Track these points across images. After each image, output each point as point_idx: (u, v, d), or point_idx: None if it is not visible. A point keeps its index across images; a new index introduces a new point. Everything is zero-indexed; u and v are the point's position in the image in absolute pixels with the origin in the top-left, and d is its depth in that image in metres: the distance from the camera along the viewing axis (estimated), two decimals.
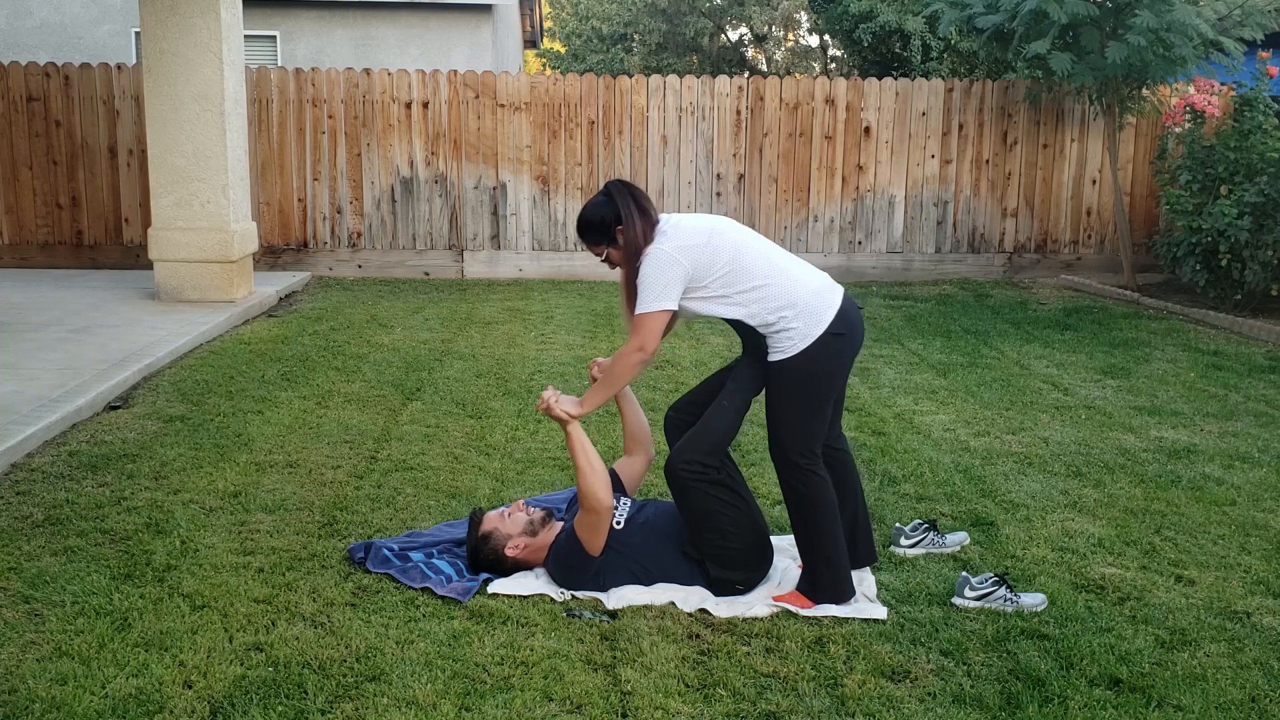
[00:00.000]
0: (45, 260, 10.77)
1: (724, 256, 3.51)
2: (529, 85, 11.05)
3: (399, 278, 11.00)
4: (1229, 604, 3.62)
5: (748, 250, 3.56)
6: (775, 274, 3.55)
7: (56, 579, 3.59)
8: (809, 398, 3.55)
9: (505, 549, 3.69)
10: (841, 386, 3.68)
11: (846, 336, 3.57)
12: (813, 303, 3.54)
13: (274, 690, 2.93)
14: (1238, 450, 5.39)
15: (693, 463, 3.54)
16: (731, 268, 3.51)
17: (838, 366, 3.59)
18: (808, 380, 3.53)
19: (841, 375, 3.63)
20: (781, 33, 28.78)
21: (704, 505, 3.57)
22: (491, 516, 3.78)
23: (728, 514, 3.57)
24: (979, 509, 4.48)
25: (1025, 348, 7.88)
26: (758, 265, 3.54)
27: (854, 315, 3.63)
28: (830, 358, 3.54)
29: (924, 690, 3.03)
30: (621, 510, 3.76)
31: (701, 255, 3.49)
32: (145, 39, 8.47)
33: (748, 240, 3.60)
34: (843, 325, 3.55)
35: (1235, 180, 9.06)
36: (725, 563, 3.61)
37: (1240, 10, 9.82)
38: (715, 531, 3.58)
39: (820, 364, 3.53)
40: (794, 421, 3.56)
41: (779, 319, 3.51)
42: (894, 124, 11.23)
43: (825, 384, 3.57)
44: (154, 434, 5.30)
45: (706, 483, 3.55)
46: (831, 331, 3.52)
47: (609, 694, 2.97)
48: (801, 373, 3.52)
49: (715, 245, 3.51)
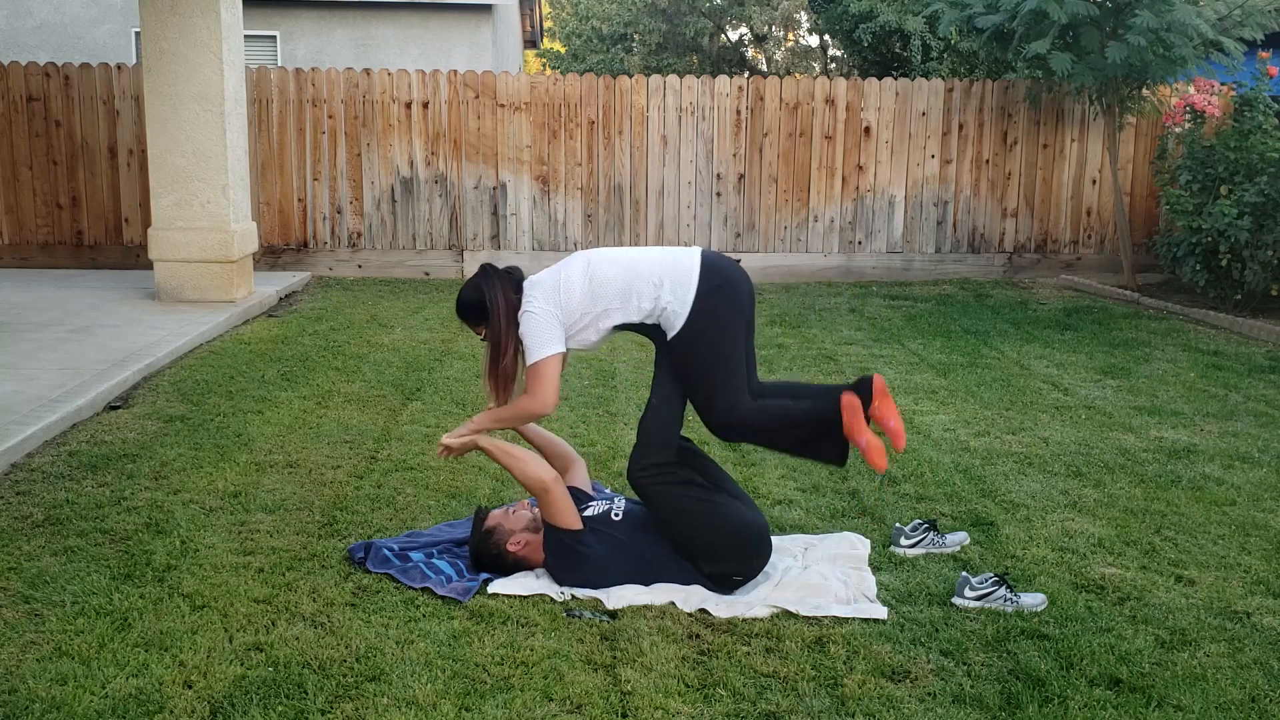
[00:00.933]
0: (45, 260, 10.77)
1: (578, 281, 3.65)
2: (529, 85, 11.05)
3: (399, 278, 11.00)
4: (1229, 604, 3.62)
5: (598, 262, 3.70)
6: (629, 268, 3.66)
7: (56, 579, 3.59)
8: (713, 357, 3.60)
9: (508, 545, 3.71)
10: (743, 338, 3.69)
11: (724, 286, 3.62)
12: (674, 273, 3.62)
13: (274, 690, 2.93)
14: (1238, 450, 5.39)
15: (648, 468, 3.62)
16: (591, 285, 3.64)
17: (728, 317, 3.62)
18: (705, 342, 3.59)
19: (736, 325, 3.64)
20: (781, 33, 28.78)
21: (673, 505, 3.61)
22: (495, 514, 3.79)
23: (699, 509, 3.60)
24: (979, 509, 4.48)
25: (1025, 348, 7.88)
26: (611, 271, 3.66)
27: (722, 265, 3.68)
28: (715, 312, 3.59)
29: (924, 690, 3.03)
30: (618, 505, 3.78)
31: (561, 292, 3.65)
32: (145, 39, 8.47)
33: (597, 254, 3.75)
34: (714, 278, 3.62)
35: (1235, 180, 9.06)
36: (713, 557, 3.61)
37: (1240, 10, 9.82)
38: (691, 529, 3.60)
39: (709, 322, 3.58)
40: (710, 383, 3.62)
41: (654, 304, 3.61)
42: (894, 124, 11.24)
43: (724, 340, 3.61)
44: (154, 434, 5.30)
45: (670, 484, 3.61)
46: (703, 290, 3.58)
47: (609, 694, 2.97)
48: (696, 337, 3.59)
49: (568, 275, 3.67)
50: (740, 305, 3.66)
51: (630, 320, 3.66)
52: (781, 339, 8.11)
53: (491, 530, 3.73)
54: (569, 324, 3.65)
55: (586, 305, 3.64)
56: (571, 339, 3.69)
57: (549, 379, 3.60)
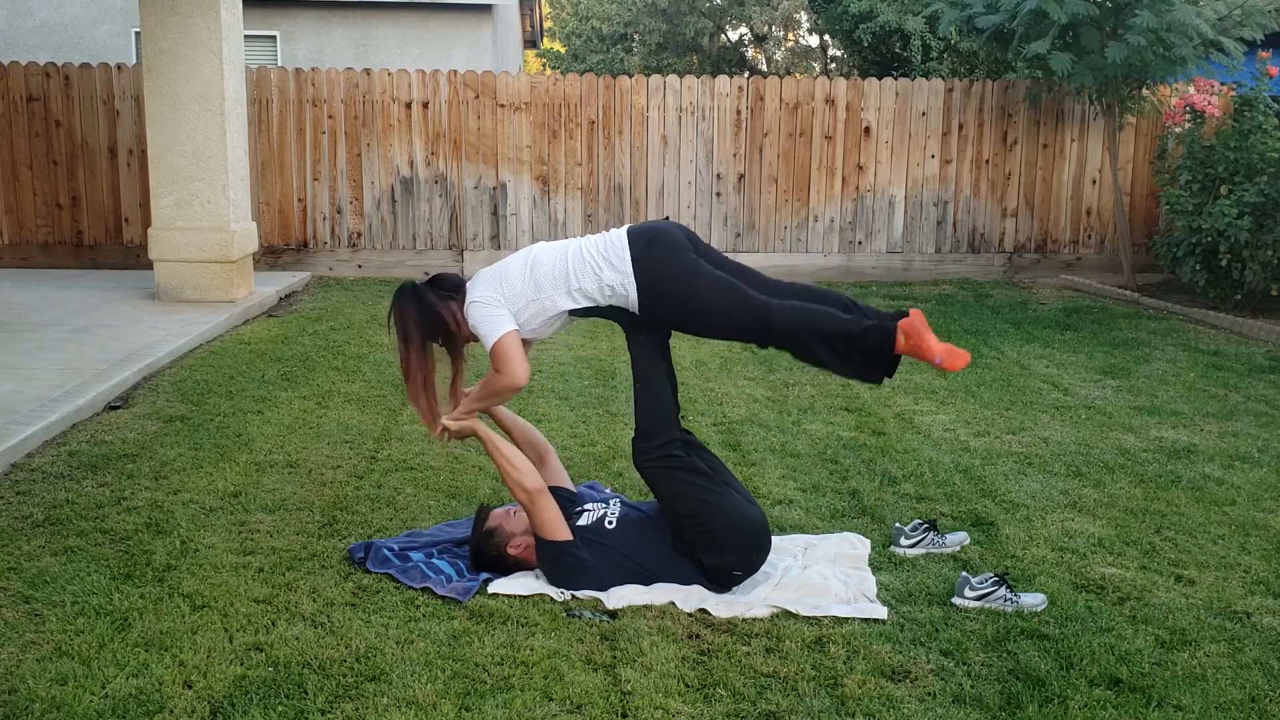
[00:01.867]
0: (45, 260, 10.77)
1: (517, 271, 3.71)
2: (529, 85, 11.05)
3: (399, 278, 10.92)
4: (1229, 604, 3.62)
5: (537, 251, 3.75)
6: (564, 255, 3.70)
7: (56, 579, 3.59)
8: (696, 297, 3.59)
9: (507, 547, 3.70)
10: (707, 265, 3.67)
11: (654, 239, 3.63)
12: (606, 252, 3.65)
13: (274, 690, 2.93)
14: (1238, 450, 5.39)
15: (649, 452, 3.62)
16: (531, 274, 3.69)
17: (676, 261, 3.61)
18: (674, 292, 3.60)
19: (688, 261, 3.63)
20: (781, 33, 28.78)
21: (675, 490, 3.61)
22: (497, 514, 3.80)
23: (701, 497, 3.59)
24: (979, 509, 4.48)
25: (1025, 348, 7.88)
26: (548, 259, 3.70)
27: (647, 226, 3.73)
28: (660, 265, 3.59)
29: (924, 690, 3.03)
30: (612, 512, 3.77)
31: (499, 279, 3.70)
32: (145, 39, 8.47)
33: (538, 246, 3.80)
34: (641, 238, 3.64)
35: (1235, 180, 9.06)
36: (712, 548, 3.60)
37: (1240, 10, 9.82)
38: (691, 515, 3.59)
39: (662, 275, 3.59)
40: (719, 313, 3.61)
41: (597, 284, 3.63)
42: (894, 124, 11.24)
43: (689, 278, 3.60)
44: (154, 434, 5.30)
45: (674, 469, 3.60)
46: (636, 255, 3.60)
47: (609, 694, 2.97)
48: (662, 294, 3.60)
49: (507, 267, 3.74)
50: (678, 244, 3.66)
51: (580, 305, 3.68)
52: None
53: (492, 531, 3.73)
54: (515, 311, 3.67)
55: (530, 293, 3.66)
56: (523, 329, 3.70)
57: (512, 353, 3.62)
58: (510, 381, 3.64)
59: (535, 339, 3.83)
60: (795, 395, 6.38)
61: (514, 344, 3.63)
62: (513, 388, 3.67)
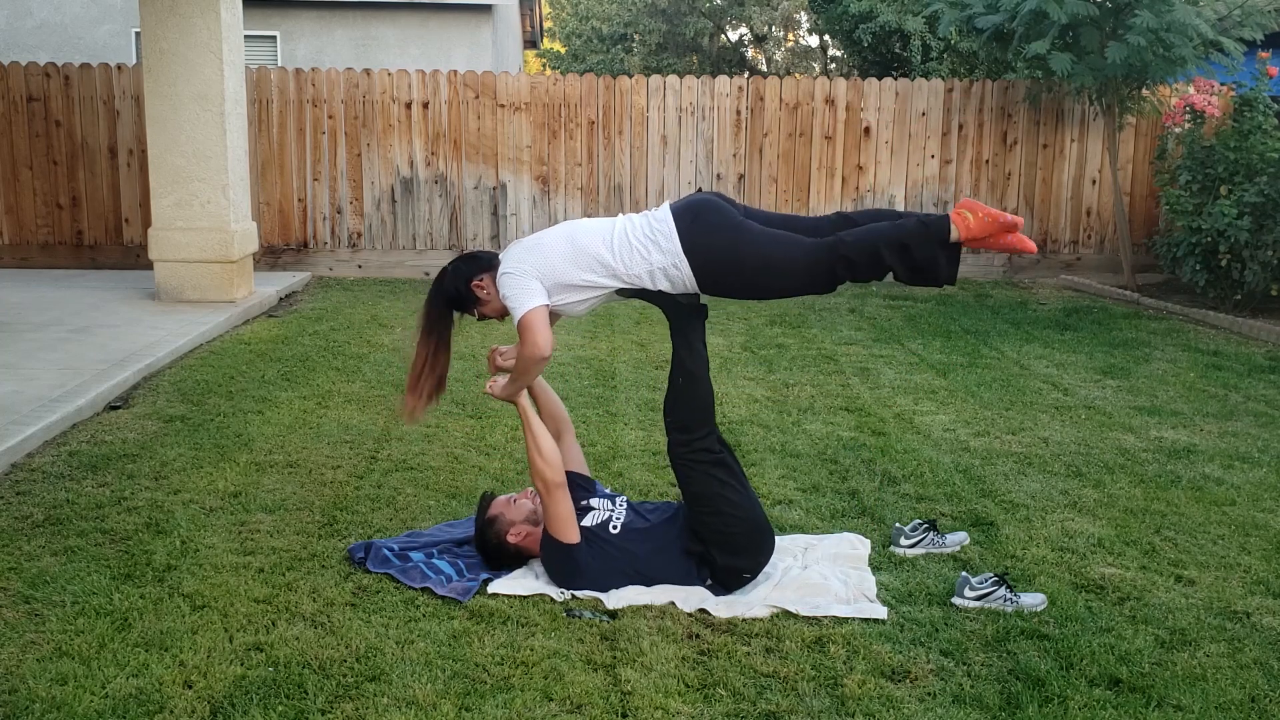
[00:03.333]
0: (45, 260, 10.77)
1: (556, 244, 3.61)
2: (529, 85, 11.05)
3: (399, 278, 11.00)
4: (1229, 604, 3.62)
5: (581, 230, 3.65)
6: (611, 234, 3.60)
7: (57, 579, 3.59)
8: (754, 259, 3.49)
9: (508, 535, 3.72)
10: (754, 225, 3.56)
11: (698, 213, 3.54)
12: (654, 233, 3.55)
13: (274, 690, 2.93)
14: (1238, 450, 5.39)
15: (689, 443, 3.59)
16: (573, 248, 3.59)
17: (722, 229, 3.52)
18: (734, 260, 3.51)
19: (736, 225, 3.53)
20: (781, 33, 28.77)
21: (705, 488, 3.58)
22: (498, 502, 3.80)
23: (728, 495, 3.58)
24: (979, 509, 4.48)
25: (1025, 348, 7.88)
26: (591, 238, 3.60)
27: (686, 201, 3.62)
28: (710, 235, 3.50)
29: (924, 690, 3.03)
30: (617, 515, 3.75)
31: (535, 252, 3.61)
32: (145, 39, 8.47)
33: (579, 224, 3.70)
34: (685, 214, 3.54)
35: (1235, 180, 9.06)
36: (731, 548, 3.59)
37: (1240, 10, 9.82)
38: (717, 514, 3.58)
39: (717, 246, 3.50)
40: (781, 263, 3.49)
41: (647, 268, 3.54)
42: (894, 124, 11.24)
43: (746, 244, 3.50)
44: (154, 434, 5.30)
45: (707, 463, 3.58)
46: (683, 229, 3.50)
47: (609, 694, 2.97)
48: (724, 264, 3.51)
49: (550, 239, 3.64)
50: (723, 211, 3.57)
51: (628, 285, 3.61)
52: (781, 339, 8.11)
53: (494, 519, 3.74)
54: (549, 286, 3.59)
55: (569, 270, 3.58)
56: (556, 303, 3.63)
57: (537, 326, 3.54)
58: (533, 353, 3.55)
59: (567, 315, 3.76)
60: (795, 395, 6.38)
61: (541, 317, 3.55)
62: (535, 359, 3.57)
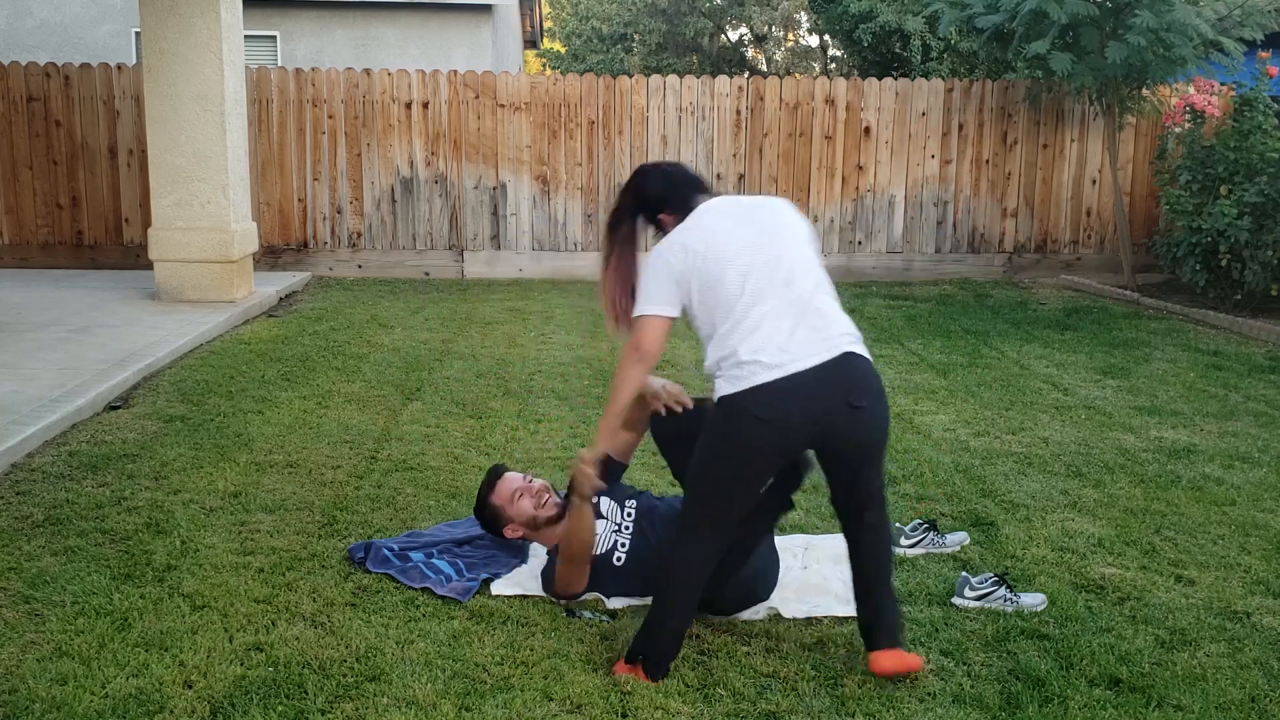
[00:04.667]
0: (45, 260, 10.77)
1: (704, 273, 2.93)
2: (529, 85, 11.05)
3: (399, 278, 11.00)
4: (1229, 604, 3.62)
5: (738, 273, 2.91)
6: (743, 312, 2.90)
7: (57, 579, 3.59)
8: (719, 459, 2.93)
9: (504, 530, 3.77)
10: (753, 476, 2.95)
11: (766, 422, 2.83)
12: (744, 360, 2.86)
13: (274, 690, 2.93)
14: (1238, 450, 5.39)
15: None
16: (705, 288, 2.93)
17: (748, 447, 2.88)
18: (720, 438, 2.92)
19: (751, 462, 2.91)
20: (781, 33, 28.77)
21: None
22: (503, 490, 3.74)
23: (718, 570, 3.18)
24: (979, 509, 4.48)
25: (1025, 348, 7.88)
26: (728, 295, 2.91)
27: (793, 403, 2.83)
28: (738, 432, 2.87)
29: (924, 690, 3.03)
30: (622, 543, 3.60)
31: (691, 260, 2.95)
32: (145, 39, 8.47)
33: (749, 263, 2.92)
34: (763, 409, 2.82)
35: (1235, 180, 9.06)
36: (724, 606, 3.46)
37: (1240, 10, 9.82)
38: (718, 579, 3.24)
39: (730, 431, 2.89)
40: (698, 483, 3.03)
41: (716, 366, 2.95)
42: (894, 124, 11.23)
43: (734, 455, 2.90)
44: (154, 434, 5.30)
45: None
46: (742, 404, 2.84)
47: (609, 694, 2.97)
48: (717, 425, 2.92)
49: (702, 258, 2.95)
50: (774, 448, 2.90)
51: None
52: None
53: (497, 509, 3.75)
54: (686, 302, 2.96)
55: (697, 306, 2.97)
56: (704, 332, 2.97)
57: (647, 335, 2.96)
58: (636, 355, 2.97)
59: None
60: None
61: (655, 328, 2.96)
62: (640, 362, 2.97)
